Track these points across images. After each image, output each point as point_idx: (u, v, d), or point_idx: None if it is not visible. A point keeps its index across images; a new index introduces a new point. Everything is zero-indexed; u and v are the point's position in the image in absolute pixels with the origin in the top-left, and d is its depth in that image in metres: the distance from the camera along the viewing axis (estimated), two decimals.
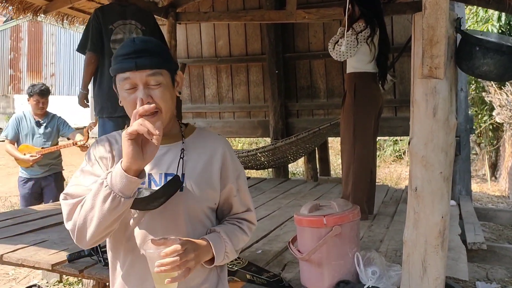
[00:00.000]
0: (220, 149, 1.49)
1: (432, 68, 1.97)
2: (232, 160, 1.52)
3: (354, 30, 3.63)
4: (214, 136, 1.54)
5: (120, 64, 1.35)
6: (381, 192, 4.92)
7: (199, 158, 1.46)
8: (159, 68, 1.36)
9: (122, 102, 1.40)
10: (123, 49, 1.37)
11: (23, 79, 18.48)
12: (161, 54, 1.38)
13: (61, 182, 4.99)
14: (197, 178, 1.43)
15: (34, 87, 4.73)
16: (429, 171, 2.03)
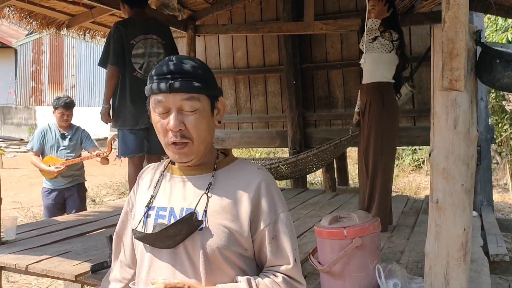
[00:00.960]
0: (254, 184, 1.26)
1: (452, 81, 1.98)
2: (270, 198, 1.26)
3: (391, 35, 3.64)
4: (252, 169, 1.31)
5: (154, 84, 1.24)
6: (401, 202, 4.90)
7: (227, 193, 1.25)
8: (196, 92, 1.22)
9: (154, 125, 1.28)
10: (159, 68, 1.25)
11: (44, 91, 18.83)
12: (200, 77, 1.24)
13: (84, 192, 5.07)
14: (220, 217, 1.23)
15: (60, 100, 4.82)
16: (450, 183, 2.03)
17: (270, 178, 1.31)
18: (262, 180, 1.27)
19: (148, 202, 1.31)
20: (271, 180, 1.31)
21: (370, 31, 3.64)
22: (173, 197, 1.29)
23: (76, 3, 4.91)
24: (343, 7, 5.97)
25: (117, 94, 3.75)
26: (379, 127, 3.66)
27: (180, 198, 1.28)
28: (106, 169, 11.51)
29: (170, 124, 1.21)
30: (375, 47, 3.64)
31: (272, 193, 1.28)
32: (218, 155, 1.34)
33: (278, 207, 1.28)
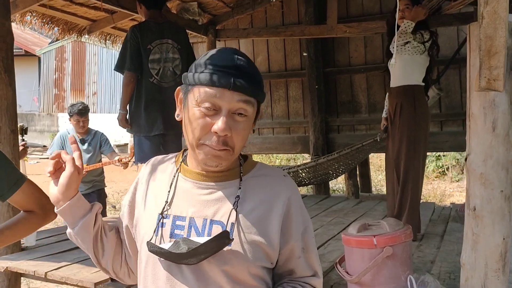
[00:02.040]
0: (283, 195, 1.16)
1: (491, 80, 1.85)
2: (298, 210, 1.18)
3: (422, 36, 3.52)
4: (278, 176, 1.20)
5: (212, 75, 1.06)
6: (428, 210, 4.75)
7: (256, 207, 1.14)
8: (254, 96, 1.10)
9: (190, 118, 1.11)
10: (221, 59, 1.08)
11: (66, 98, 19.09)
12: (259, 80, 1.13)
13: (104, 198, 5.04)
14: (249, 232, 1.12)
15: (73, 107, 4.79)
16: (488, 189, 1.90)
17: (296, 188, 1.22)
18: (290, 191, 1.18)
19: (162, 210, 1.17)
20: (297, 189, 1.22)
21: (403, 34, 3.48)
22: (192, 205, 1.15)
23: (97, 8, 4.90)
24: (367, 9, 5.86)
25: (133, 100, 3.70)
26: (411, 132, 3.52)
27: (201, 207, 1.15)
28: (127, 175, 11.57)
29: (218, 126, 1.06)
30: (407, 50, 3.51)
31: (300, 204, 1.20)
32: (240, 159, 1.20)
33: (305, 218, 1.20)
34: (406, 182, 3.53)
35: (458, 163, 11.68)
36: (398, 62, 3.50)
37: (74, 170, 1.15)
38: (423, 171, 3.68)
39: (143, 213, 1.22)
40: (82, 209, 1.20)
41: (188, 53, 3.87)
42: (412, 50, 3.51)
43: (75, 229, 1.19)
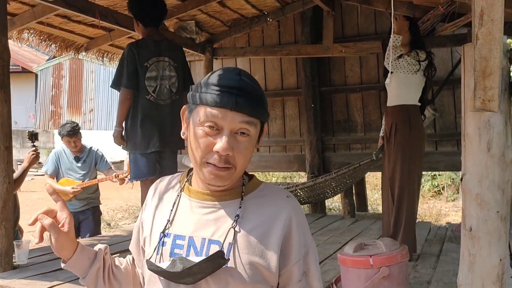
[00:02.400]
0: (284, 214, 1.13)
1: (486, 101, 1.86)
2: (300, 231, 1.14)
3: (418, 55, 3.55)
4: (281, 196, 1.17)
5: (215, 96, 1.06)
6: (424, 229, 4.73)
7: (256, 226, 1.12)
8: (257, 116, 1.10)
9: (193, 137, 1.12)
10: (224, 80, 1.08)
11: (63, 114, 19.08)
12: (263, 100, 1.12)
13: (98, 216, 5.00)
14: (247, 253, 1.10)
15: (63, 128, 4.71)
16: (484, 210, 1.90)
17: (300, 208, 1.18)
18: (292, 211, 1.14)
19: (163, 228, 1.17)
20: (301, 210, 1.18)
21: (394, 48, 3.53)
22: (192, 224, 1.15)
23: (95, 26, 4.94)
24: (362, 30, 5.92)
25: (129, 117, 3.68)
26: (406, 152, 3.53)
27: (201, 227, 1.14)
28: (122, 192, 11.51)
29: (220, 146, 1.07)
30: (401, 65, 3.53)
31: (303, 225, 1.16)
32: (244, 178, 1.19)
33: (308, 240, 1.16)
34: (401, 201, 3.52)
35: (453, 183, 11.70)
36: (394, 81, 3.53)
37: (59, 234, 1.13)
38: (419, 191, 3.68)
39: (149, 233, 1.22)
40: (88, 259, 1.20)
41: (184, 71, 3.88)
42: (407, 67, 3.53)
43: (86, 278, 1.20)
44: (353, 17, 5.99)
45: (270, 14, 5.77)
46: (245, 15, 5.78)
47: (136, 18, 3.79)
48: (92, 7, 4.22)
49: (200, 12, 5.37)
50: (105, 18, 4.35)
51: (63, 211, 1.16)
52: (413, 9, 4.62)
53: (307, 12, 6.00)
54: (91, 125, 18.23)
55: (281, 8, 5.73)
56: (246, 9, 5.60)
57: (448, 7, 4.13)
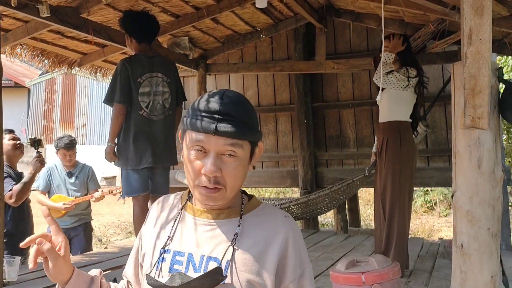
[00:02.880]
0: (281, 234, 1.14)
1: (475, 119, 1.89)
2: (297, 251, 1.15)
3: (407, 71, 3.59)
4: (278, 216, 1.19)
5: (198, 122, 1.10)
6: (416, 245, 4.73)
7: (253, 245, 1.14)
8: (241, 138, 1.11)
9: (185, 162, 1.16)
10: (208, 103, 1.11)
11: (55, 129, 18.99)
12: (249, 121, 1.13)
13: (90, 232, 4.95)
14: (244, 271, 1.12)
15: (60, 141, 4.69)
16: (475, 227, 1.91)
17: (297, 229, 1.19)
18: (289, 231, 1.16)
19: (164, 244, 1.19)
20: (298, 230, 1.19)
21: (385, 65, 3.57)
22: (192, 241, 1.17)
23: (88, 41, 4.95)
24: (354, 47, 5.97)
25: (121, 133, 3.67)
26: (397, 168, 3.56)
27: (201, 244, 1.16)
28: (114, 207, 11.44)
29: (207, 168, 1.10)
30: (391, 81, 3.57)
31: (299, 245, 1.16)
32: (243, 198, 1.22)
33: (304, 260, 1.16)
34: (392, 217, 3.54)
35: (445, 198, 11.73)
36: (385, 97, 3.57)
37: (57, 259, 1.12)
38: (410, 206, 3.69)
39: (149, 248, 1.23)
40: (84, 283, 1.19)
41: (177, 87, 3.89)
42: (396, 83, 3.56)
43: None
44: (346, 34, 6.05)
45: (263, 31, 5.82)
46: (238, 32, 5.82)
47: (128, 34, 3.80)
48: (86, 23, 4.23)
49: (194, 29, 5.40)
50: (98, 34, 4.36)
51: (58, 235, 1.15)
52: (404, 26, 4.69)
53: (299, 29, 6.06)
54: (83, 140, 18.14)
55: (274, 25, 5.79)
56: (239, 26, 5.65)
57: (439, 25, 4.20)
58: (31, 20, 4.11)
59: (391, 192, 3.55)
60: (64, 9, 4.02)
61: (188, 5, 4.85)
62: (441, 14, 3.68)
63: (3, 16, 3.90)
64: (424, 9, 3.68)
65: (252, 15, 5.43)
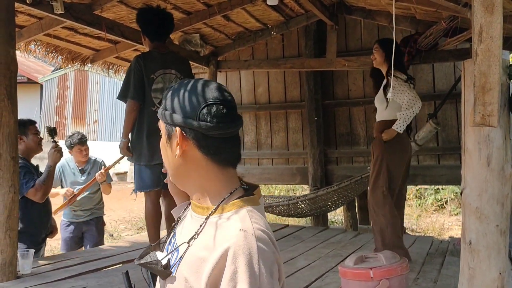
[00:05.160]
0: (223, 247, 1.02)
1: (485, 116, 1.89)
2: (231, 270, 0.99)
3: (400, 78, 3.65)
4: (233, 227, 1.05)
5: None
6: (426, 243, 4.72)
7: (203, 247, 1.07)
8: (161, 119, 1.28)
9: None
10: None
11: (67, 125, 19.15)
12: (171, 104, 1.23)
13: (102, 226, 5.01)
14: (186, 270, 1.08)
15: (73, 138, 4.69)
16: (484, 224, 1.92)
17: (245, 246, 1.01)
18: (232, 245, 1.01)
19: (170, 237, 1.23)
20: (246, 248, 1.01)
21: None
22: (179, 232, 1.20)
23: (101, 38, 5.00)
24: (365, 44, 5.95)
25: (134, 128, 3.71)
26: (375, 166, 3.74)
27: (182, 232, 1.17)
28: (125, 203, 11.53)
29: None
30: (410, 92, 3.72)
31: (237, 265, 1.00)
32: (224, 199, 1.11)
33: (240, 283, 0.99)
34: (377, 213, 3.73)
35: (456, 197, 11.65)
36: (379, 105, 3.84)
37: None
38: (402, 202, 3.84)
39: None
40: None
41: None
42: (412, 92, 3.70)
43: None
44: (357, 31, 6.05)
45: (274, 28, 5.83)
46: (249, 29, 5.84)
47: (142, 33, 3.85)
48: (99, 20, 4.29)
49: (205, 26, 5.43)
50: (111, 31, 4.41)
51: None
52: (416, 23, 4.68)
53: (310, 26, 6.07)
54: (95, 136, 18.29)
55: (285, 22, 5.79)
56: (250, 23, 5.67)
57: (451, 22, 4.18)
58: (45, 16, 4.17)
59: (370, 189, 3.80)
60: (78, 6, 4.08)
61: (200, 2, 4.88)
62: (453, 11, 3.67)
63: (18, 12, 3.96)
64: (436, 6, 3.68)
65: (263, 12, 5.44)
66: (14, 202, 3.15)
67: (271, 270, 1.02)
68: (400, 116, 3.67)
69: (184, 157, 1.12)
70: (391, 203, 3.70)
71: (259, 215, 1.10)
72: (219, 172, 1.12)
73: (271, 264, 1.03)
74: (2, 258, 3.07)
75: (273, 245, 1.06)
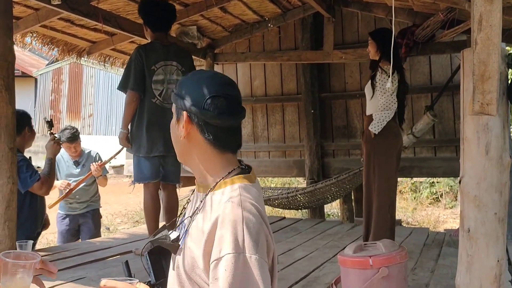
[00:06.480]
0: (214, 216, 1.15)
1: (484, 105, 1.90)
2: (220, 234, 1.12)
3: (385, 72, 3.67)
4: (224, 199, 1.18)
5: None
6: (422, 235, 4.77)
7: (203, 220, 1.19)
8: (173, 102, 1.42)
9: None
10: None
11: (62, 119, 19.07)
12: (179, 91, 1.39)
13: (98, 219, 5.01)
14: (191, 240, 1.20)
15: (63, 134, 4.63)
16: (482, 212, 1.94)
17: (231, 213, 1.13)
18: (221, 214, 1.14)
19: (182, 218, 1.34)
20: (231, 215, 1.13)
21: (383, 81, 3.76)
22: (189, 211, 1.31)
23: (97, 30, 4.98)
24: (362, 37, 5.95)
25: (134, 120, 3.70)
26: (372, 157, 3.78)
27: (189, 213, 1.29)
28: (121, 197, 11.51)
29: None
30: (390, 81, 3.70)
31: (224, 231, 1.11)
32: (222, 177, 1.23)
33: (224, 247, 1.10)
34: (369, 204, 3.82)
35: (451, 190, 11.72)
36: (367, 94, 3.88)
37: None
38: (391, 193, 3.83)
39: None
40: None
41: None
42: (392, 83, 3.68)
43: None
44: (353, 23, 6.05)
45: (271, 20, 5.82)
46: (246, 21, 5.83)
47: (144, 23, 3.83)
48: (96, 11, 4.27)
49: (202, 18, 5.42)
50: (108, 22, 4.39)
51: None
52: (413, 15, 4.68)
53: (307, 19, 6.06)
54: (90, 130, 18.24)
55: (282, 14, 5.79)
56: (247, 15, 5.66)
57: (448, 14, 4.19)
58: (42, 7, 4.15)
59: (368, 179, 3.83)
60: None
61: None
62: (451, 3, 3.68)
63: (14, 3, 3.93)
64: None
65: (260, 4, 5.44)
66: (13, 193, 3.13)
67: (256, 238, 1.12)
68: (375, 117, 3.72)
69: (188, 139, 1.26)
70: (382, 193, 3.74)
71: (252, 190, 1.22)
72: (218, 155, 1.25)
73: (256, 233, 1.12)
74: (0, 249, 3.06)
75: (261, 217, 1.17)
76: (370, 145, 3.79)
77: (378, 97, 3.72)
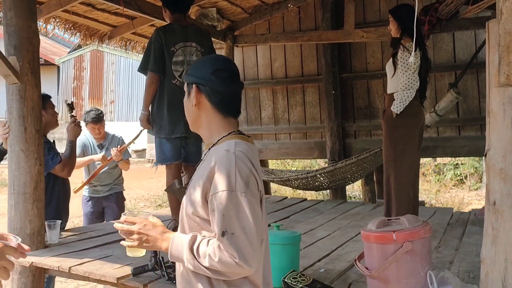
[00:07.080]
0: (212, 161, 1.47)
1: (510, 76, 1.87)
2: (216, 175, 1.44)
3: (407, 49, 3.61)
4: (222, 147, 1.50)
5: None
6: (446, 214, 4.73)
7: (203, 167, 1.53)
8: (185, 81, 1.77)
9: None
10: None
11: (84, 106, 19.33)
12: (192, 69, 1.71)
13: (122, 201, 5.08)
14: (193, 185, 1.53)
15: (88, 115, 4.73)
16: (508, 184, 1.91)
17: (226, 159, 1.44)
18: (218, 160, 1.46)
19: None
20: (226, 159, 1.44)
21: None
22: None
23: (118, 14, 5.02)
24: (383, 15, 5.87)
25: (155, 101, 3.72)
26: (390, 136, 3.77)
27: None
28: (143, 182, 11.66)
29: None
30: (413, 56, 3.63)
31: (219, 173, 1.42)
32: (224, 136, 1.56)
33: (220, 185, 1.41)
34: (389, 183, 3.84)
35: (476, 172, 11.57)
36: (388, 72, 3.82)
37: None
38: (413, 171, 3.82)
39: None
40: None
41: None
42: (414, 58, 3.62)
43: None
44: (375, 1, 5.96)
45: (291, 0, 5.78)
46: (265, 2, 5.80)
47: (163, 5, 3.83)
48: None
49: None
50: (128, 5, 4.42)
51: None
52: None
53: None
54: (112, 116, 18.45)
55: None
56: None
57: None
58: None
59: (389, 158, 3.81)
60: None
61: None
62: None
63: None
64: None
65: None
66: (40, 174, 3.21)
67: (246, 180, 1.42)
68: (396, 97, 3.66)
69: (198, 107, 1.60)
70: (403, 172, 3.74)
71: (246, 145, 1.52)
72: (222, 119, 1.59)
73: (246, 176, 1.43)
74: (30, 228, 3.15)
75: (251, 163, 1.47)
76: (391, 124, 3.76)
77: (399, 75, 3.67)
